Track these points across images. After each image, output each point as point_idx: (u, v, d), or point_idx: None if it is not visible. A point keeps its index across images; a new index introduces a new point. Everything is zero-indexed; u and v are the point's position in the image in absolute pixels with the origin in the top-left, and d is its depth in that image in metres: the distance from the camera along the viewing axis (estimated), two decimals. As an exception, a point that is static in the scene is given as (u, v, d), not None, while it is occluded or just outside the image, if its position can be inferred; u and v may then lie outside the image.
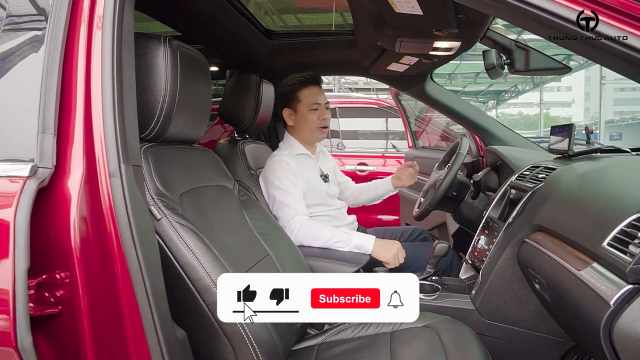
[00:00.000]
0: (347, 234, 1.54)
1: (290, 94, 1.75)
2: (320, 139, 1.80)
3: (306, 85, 1.74)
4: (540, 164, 1.50)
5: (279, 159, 1.68)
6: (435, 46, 1.44)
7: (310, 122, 1.73)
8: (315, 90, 1.75)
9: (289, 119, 1.78)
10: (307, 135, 1.77)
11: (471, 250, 1.57)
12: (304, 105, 1.73)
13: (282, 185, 1.61)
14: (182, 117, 1.09)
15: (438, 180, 1.81)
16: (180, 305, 0.89)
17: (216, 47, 1.89)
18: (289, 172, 1.63)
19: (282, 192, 1.61)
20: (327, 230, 1.55)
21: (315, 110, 1.73)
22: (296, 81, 1.75)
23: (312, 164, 1.79)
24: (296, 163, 1.69)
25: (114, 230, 0.71)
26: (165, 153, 1.07)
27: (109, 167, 0.72)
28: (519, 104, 34.40)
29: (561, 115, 38.36)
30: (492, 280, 1.33)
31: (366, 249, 1.53)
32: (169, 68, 1.00)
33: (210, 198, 1.16)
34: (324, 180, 1.78)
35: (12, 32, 0.77)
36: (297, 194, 1.62)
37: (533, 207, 1.24)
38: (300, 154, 1.76)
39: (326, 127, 1.77)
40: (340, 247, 1.53)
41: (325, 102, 1.76)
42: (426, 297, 1.41)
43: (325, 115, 1.75)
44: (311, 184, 1.70)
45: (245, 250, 1.19)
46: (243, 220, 1.28)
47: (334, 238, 1.53)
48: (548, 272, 1.05)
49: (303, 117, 1.74)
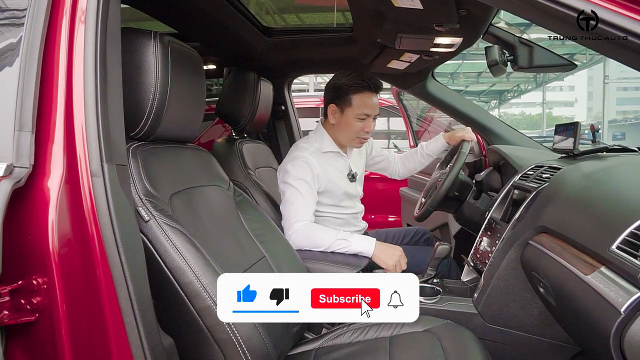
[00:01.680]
0: (347, 241, 1.48)
1: (343, 93, 1.57)
2: (355, 147, 1.70)
3: (363, 91, 1.56)
4: (544, 164, 1.46)
5: (303, 155, 1.57)
6: (436, 42, 1.40)
7: (353, 130, 1.59)
8: (371, 99, 1.58)
9: (332, 116, 1.62)
10: (344, 139, 1.65)
11: (473, 252, 1.53)
12: (353, 112, 1.57)
13: (295, 184, 1.53)
14: (174, 115, 1.05)
15: (439, 180, 1.77)
16: (169, 311, 0.85)
17: (213, 45, 1.86)
18: (308, 173, 1.54)
19: (293, 191, 1.54)
20: (327, 237, 1.48)
21: (362, 120, 1.58)
22: (354, 82, 1.56)
23: (341, 162, 1.69)
24: (321, 161, 1.59)
25: (95, 232, 0.67)
26: (155, 152, 1.03)
27: (91, 166, 0.68)
28: (521, 104, 34.31)
29: (563, 115, 38.21)
30: (495, 283, 1.29)
31: (366, 254, 1.48)
32: (159, 64, 0.97)
33: (203, 199, 1.13)
34: (350, 179, 1.70)
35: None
36: (309, 196, 1.54)
37: (537, 208, 1.20)
38: (330, 151, 1.66)
39: (366, 139, 1.65)
40: (340, 252, 1.49)
41: (376, 114, 1.62)
42: (427, 300, 1.37)
43: (370, 127, 1.61)
44: (334, 182, 1.62)
45: (240, 252, 1.15)
46: (238, 222, 1.24)
47: (334, 246, 1.48)
48: (553, 276, 1.01)
49: (347, 122, 1.59)
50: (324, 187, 1.61)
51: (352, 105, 1.56)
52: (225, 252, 1.06)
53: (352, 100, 1.56)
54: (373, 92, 1.58)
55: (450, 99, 2.09)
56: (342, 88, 1.57)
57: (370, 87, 1.56)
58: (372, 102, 1.58)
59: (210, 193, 1.18)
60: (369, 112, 1.57)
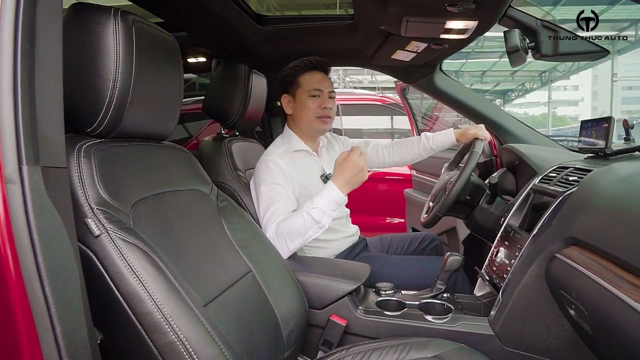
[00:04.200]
0: (313, 215, 1.29)
1: (290, 78, 1.56)
2: (320, 131, 1.58)
3: (308, 70, 1.55)
4: (568, 164, 1.30)
5: (269, 159, 1.47)
6: (448, 27, 1.24)
7: (309, 110, 1.52)
8: (318, 76, 1.56)
9: (287, 106, 1.58)
10: (306, 126, 1.56)
11: (488, 263, 1.36)
12: (304, 91, 1.53)
13: (265, 189, 1.42)
14: (142, 108, 0.90)
15: (449, 182, 1.60)
16: (123, 350, 0.69)
17: (201, 35, 1.69)
18: (278, 174, 1.43)
19: (264, 198, 1.42)
20: (297, 226, 1.30)
21: (315, 98, 1.53)
22: (297, 65, 1.56)
23: (312, 162, 1.58)
24: (290, 162, 1.49)
25: (11, 256, 0.51)
26: (117, 152, 0.87)
27: (4, 169, 0.52)
28: (525, 104, 34.03)
29: (568, 114, 37.93)
30: (515, 301, 1.12)
31: (341, 201, 1.31)
32: (120, 47, 0.81)
33: (178, 205, 0.97)
34: (324, 181, 1.56)
35: None
36: (282, 197, 1.41)
37: (565, 215, 1.04)
38: (299, 150, 1.56)
39: (328, 118, 1.55)
40: (321, 231, 1.31)
41: (330, 91, 1.56)
42: (436, 319, 1.21)
43: (328, 104, 1.54)
44: (306, 187, 1.49)
45: (220, 267, 0.99)
46: (220, 231, 1.08)
47: (309, 230, 1.30)
48: (590, 299, 0.85)
49: (301, 104, 1.54)
50: (298, 190, 1.48)
51: (301, 85, 1.55)
52: (200, 268, 0.90)
53: (301, 81, 1.55)
54: (319, 70, 1.56)
55: (459, 95, 1.93)
56: (288, 74, 1.57)
57: (314, 65, 1.56)
58: (322, 77, 1.56)
59: (188, 198, 1.02)
60: (319, 86, 1.54)
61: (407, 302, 1.30)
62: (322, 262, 1.40)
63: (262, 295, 1.07)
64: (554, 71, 15.68)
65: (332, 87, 1.57)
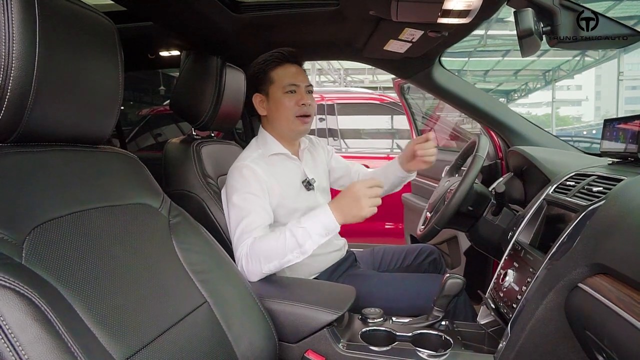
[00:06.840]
0: (297, 237, 1.11)
1: (261, 74, 1.36)
2: (300, 132, 1.38)
3: (280, 64, 1.36)
4: (588, 171, 1.10)
5: (242, 164, 1.27)
6: (446, 8, 1.04)
7: (286, 108, 1.33)
8: (292, 69, 1.36)
9: (261, 106, 1.38)
10: (283, 128, 1.36)
11: (494, 287, 1.16)
12: (278, 88, 1.34)
13: (239, 199, 1.22)
14: (58, 103, 0.71)
15: (449, 191, 1.40)
16: None
17: (168, 24, 1.50)
18: (251, 182, 1.24)
19: (238, 210, 1.22)
20: (276, 246, 1.12)
21: (292, 94, 1.34)
22: (267, 58, 1.36)
23: (292, 167, 1.38)
24: (267, 167, 1.30)
25: None
26: (21, 160, 0.68)
27: None
28: (527, 104, 33.76)
29: (571, 114, 37.63)
30: (527, 337, 0.93)
31: (332, 228, 1.12)
32: (13, 24, 0.62)
33: (110, 225, 0.78)
34: (306, 187, 1.37)
35: None
36: (256, 208, 1.22)
37: (590, 235, 0.85)
38: (277, 154, 1.36)
39: (308, 117, 1.35)
40: (303, 257, 1.13)
41: (307, 85, 1.36)
42: (432, 358, 1.02)
43: (306, 100, 1.34)
44: (284, 197, 1.30)
45: (164, 300, 0.79)
46: (169, 253, 0.89)
47: (289, 254, 1.11)
48: (627, 345, 0.66)
49: (277, 102, 1.34)
50: (276, 200, 1.28)
51: (274, 81, 1.36)
52: (130, 306, 0.71)
53: (273, 77, 1.36)
54: (292, 62, 1.38)
55: (461, 91, 1.73)
56: (258, 70, 1.37)
57: (286, 57, 1.37)
58: (297, 71, 1.38)
59: (126, 215, 0.83)
60: (294, 81, 1.35)
61: (398, 334, 1.10)
62: (298, 285, 1.20)
63: (218, 331, 0.88)
64: (558, 70, 15.41)
65: (308, 81, 1.38)
